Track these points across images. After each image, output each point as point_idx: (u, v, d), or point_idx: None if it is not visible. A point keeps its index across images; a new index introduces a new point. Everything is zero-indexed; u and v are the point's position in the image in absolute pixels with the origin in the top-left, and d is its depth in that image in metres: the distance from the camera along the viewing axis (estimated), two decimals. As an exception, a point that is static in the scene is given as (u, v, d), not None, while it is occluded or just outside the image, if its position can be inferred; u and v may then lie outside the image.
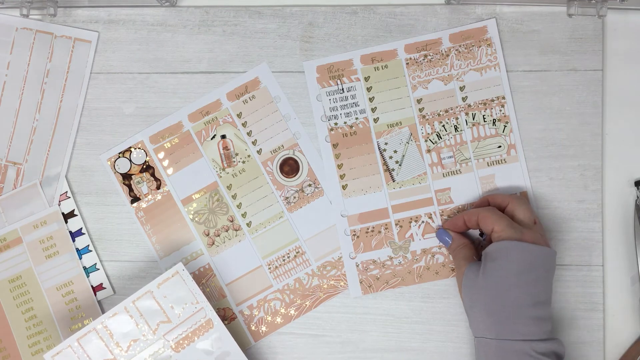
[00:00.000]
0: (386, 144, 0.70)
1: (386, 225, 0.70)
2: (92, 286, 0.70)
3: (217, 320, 0.65)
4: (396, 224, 0.69)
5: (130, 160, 0.70)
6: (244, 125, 0.70)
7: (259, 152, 0.70)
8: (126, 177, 0.70)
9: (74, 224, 0.70)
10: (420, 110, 0.70)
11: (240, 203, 0.70)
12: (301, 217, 0.70)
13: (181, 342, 0.64)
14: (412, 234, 0.69)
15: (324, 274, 0.69)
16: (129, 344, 0.64)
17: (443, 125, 0.70)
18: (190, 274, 0.69)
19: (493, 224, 0.62)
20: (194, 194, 0.70)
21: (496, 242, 0.61)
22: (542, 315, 0.59)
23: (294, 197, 0.70)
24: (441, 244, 0.69)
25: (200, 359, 0.64)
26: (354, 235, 0.70)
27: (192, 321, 0.64)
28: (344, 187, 0.70)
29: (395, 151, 0.70)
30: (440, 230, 0.68)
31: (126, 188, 0.70)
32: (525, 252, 0.59)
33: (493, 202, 0.66)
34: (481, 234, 0.69)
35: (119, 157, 0.70)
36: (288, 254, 0.70)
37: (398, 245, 0.69)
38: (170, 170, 0.70)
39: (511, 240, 0.60)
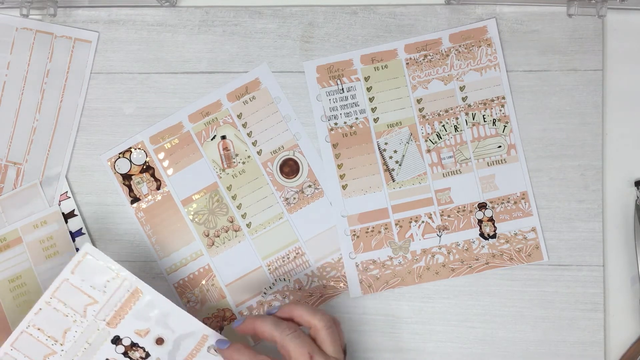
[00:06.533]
0: (386, 144, 0.70)
1: (386, 225, 0.70)
2: (92, 286, 0.70)
3: (143, 286, 0.63)
4: (396, 224, 0.69)
5: (130, 161, 0.70)
6: (244, 126, 0.70)
7: (259, 152, 0.70)
8: (126, 178, 0.70)
9: (74, 224, 0.70)
10: (420, 110, 0.70)
11: (240, 204, 0.70)
12: (301, 218, 0.70)
13: (115, 317, 0.63)
14: (412, 234, 0.69)
15: (323, 275, 0.69)
16: (63, 334, 0.62)
17: (443, 125, 0.70)
18: (189, 274, 0.69)
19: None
20: (194, 194, 0.70)
21: None
22: None
23: (294, 198, 0.70)
24: (442, 243, 0.69)
25: (140, 327, 0.63)
26: (354, 235, 0.69)
27: (119, 295, 0.63)
28: (344, 187, 0.70)
29: (395, 151, 0.70)
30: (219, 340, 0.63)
31: (126, 188, 0.70)
32: None
33: (299, 318, 0.61)
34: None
35: (119, 157, 0.70)
36: (288, 254, 0.70)
37: (398, 245, 0.69)
38: (170, 171, 0.70)
39: None
